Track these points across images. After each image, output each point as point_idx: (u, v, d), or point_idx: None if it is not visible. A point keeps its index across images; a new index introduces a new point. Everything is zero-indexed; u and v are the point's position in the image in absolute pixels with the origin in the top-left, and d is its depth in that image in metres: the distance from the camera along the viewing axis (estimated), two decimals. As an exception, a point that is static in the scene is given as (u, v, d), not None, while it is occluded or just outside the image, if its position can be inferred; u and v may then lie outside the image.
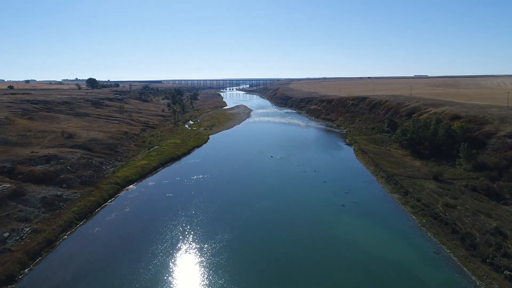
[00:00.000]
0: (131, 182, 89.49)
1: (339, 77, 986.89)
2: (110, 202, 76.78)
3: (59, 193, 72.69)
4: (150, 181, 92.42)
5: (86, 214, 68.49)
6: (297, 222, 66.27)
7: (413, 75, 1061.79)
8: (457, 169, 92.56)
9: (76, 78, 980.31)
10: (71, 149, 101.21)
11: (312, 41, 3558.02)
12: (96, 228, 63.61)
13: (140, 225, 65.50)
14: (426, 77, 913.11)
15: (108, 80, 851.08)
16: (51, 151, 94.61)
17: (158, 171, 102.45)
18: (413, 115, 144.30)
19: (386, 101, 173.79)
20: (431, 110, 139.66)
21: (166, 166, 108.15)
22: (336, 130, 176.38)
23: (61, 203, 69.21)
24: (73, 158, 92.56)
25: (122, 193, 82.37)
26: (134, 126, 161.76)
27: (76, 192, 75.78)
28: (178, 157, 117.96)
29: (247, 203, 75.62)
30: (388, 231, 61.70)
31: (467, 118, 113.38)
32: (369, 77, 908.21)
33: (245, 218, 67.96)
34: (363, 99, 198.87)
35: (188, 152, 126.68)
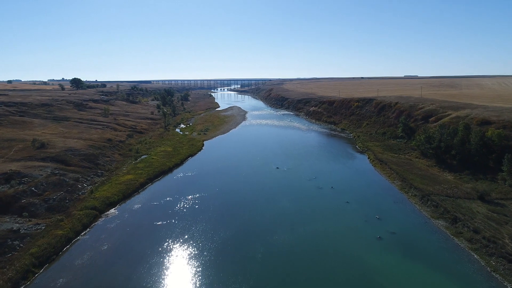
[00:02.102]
0: (112, 204, 73.10)
1: (332, 77, 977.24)
2: (83, 235, 60.38)
3: (15, 226, 56.08)
4: (135, 202, 76.08)
5: (49, 256, 52.00)
6: (327, 264, 50.98)
7: (403, 75, 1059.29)
8: (500, 185, 78.43)
9: (63, 78, 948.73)
10: (41, 163, 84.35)
11: (303, 41, 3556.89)
12: (61, 280, 47.21)
13: (121, 271, 49.41)
14: (416, 77, 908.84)
15: (96, 80, 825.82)
16: (14, 166, 77.71)
17: (146, 188, 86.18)
18: (430, 119, 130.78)
19: (396, 103, 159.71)
20: (451, 114, 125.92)
21: (156, 181, 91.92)
22: (342, 134, 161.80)
23: (17, 242, 52.59)
24: (41, 175, 75.75)
25: (100, 221, 65.95)
26: (120, 131, 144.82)
27: (39, 224, 59.20)
28: (170, 169, 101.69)
29: (258, 235, 60.00)
30: (449, 279, 46.74)
31: (501, 124, 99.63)
32: (362, 77, 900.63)
33: (259, 258, 52.39)
34: (368, 100, 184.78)
35: (181, 162, 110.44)
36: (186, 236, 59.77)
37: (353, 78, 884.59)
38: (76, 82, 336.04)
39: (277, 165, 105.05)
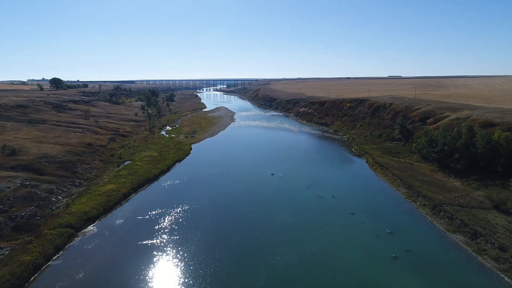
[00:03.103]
0: (90, 220, 64.72)
1: (319, 78, 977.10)
2: (55, 259, 52.00)
3: (-28, 253, 47.45)
4: (117, 216, 67.81)
5: (12, 290, 43.66)
6: (340, 292, 44.23)
7: (387, 76, 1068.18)
8: (512, 192, 73.29)
9: (43, 78, 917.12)
10: (10, 173, 75.26)
11: (289, 41, 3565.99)
12: (25, 321, 39.12)
13: (99, 307, 41.54)
14: (400, 77, 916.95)
15: (78, 80, 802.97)
16: (-22, 177, 68.50)
17: (130, 199, 77.91)
18: (427, 121, 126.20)
19: (391, 104, 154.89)
20: (449, 115, 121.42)
21: (140, 190, 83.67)
22: (335, 136, 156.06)
23: (-28, 274, 44.01)
24: (9, 188, 66.81)
25: (76, 241, 57.62)
26: (101, 134, 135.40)
27: (2, 248, 50.56)
28: (156, 177, 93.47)
29: (258, 256, 52.77)
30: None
31: (506, 126, 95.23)
32: (348, 78, 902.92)
33: (261, 287, 45.22)
34: (361, 101, 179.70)
35: (168, 169, 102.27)
36: (175, 260, 52.16)
37: (340, 78, 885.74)
38: (55, 82, 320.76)
39: (271, 171, 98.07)
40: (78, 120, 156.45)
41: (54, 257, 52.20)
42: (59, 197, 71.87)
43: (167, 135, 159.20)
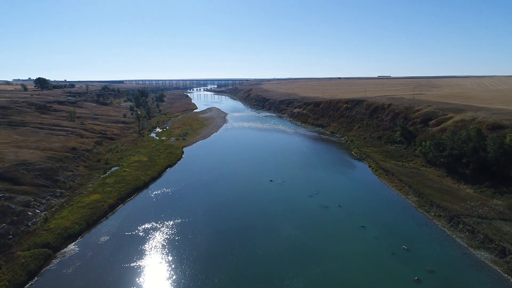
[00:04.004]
0: (71, 238, 57.51)
1: (310, 78, 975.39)
2: (29, 287, 44.85)
3: None
4: (102, 232, 60.67)
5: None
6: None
7: (377, 76, 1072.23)
8: (531, 201, 68.22)
9: (29, 78, 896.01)
10: (-19, 183, 67.43)
11: (280, 41, 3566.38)
12: None
13: None
14: (389, 77, 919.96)
15: (65, 80, 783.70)
16: None
17: (116, 211, 70.76)
18: (430, 122, 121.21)
19: (389, 105, 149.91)
20: (453, 117, 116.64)
21: (129, 200, 76.57)
22: (333, 138, 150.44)
23: None
24: (-22, 201, 59.17)
25: (53, 264, 50.39)
26: (87, 138, 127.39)
27: (-36, 277, 43.24)
28: (145, 185, 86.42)
29: (263, 280, 46.29)
30: None
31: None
32: (339, 78, 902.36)
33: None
34: (358, 102, 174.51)
35: (158, 175, 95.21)
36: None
37: (331, 78, 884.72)
38: (40, 82, 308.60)
39: (269, 177, 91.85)
40: (63, 122, 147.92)
41: (27, 285, 44.98)
42: (37, 210, 64.36)
43: (157, 138, 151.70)
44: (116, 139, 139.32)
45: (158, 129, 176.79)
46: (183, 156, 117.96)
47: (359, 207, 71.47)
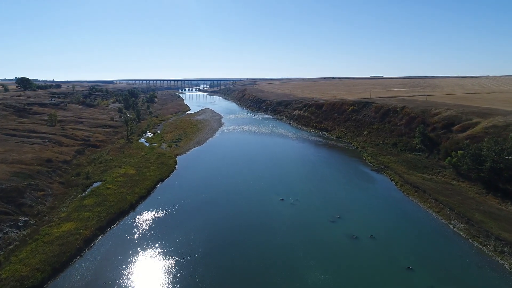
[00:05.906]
0: (29, 293, 43.04)
1: (303, 78, 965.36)
2: None
3: None
4: (72, 282, 46.07)
5: None
6: None
7: (369, 76, 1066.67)
8: None
9: (15, 78, 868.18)
10: None
11: (272, 41, 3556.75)
12: None
13: None
14: (381, 77, 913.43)
15: (53, 80, 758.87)
16: None
17: (94, 245, 56.21)
18: (453, 128, 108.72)
19: (403, 108, 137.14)
20: (479, 122, 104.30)
21: (110, 229, 62.07)
22: (341, 144, 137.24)
23: None
24: None
25: None
26: (67, 146, 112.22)
27: None
28: (132, 207, 71.96)
29: None
30: None
31: None
32: (333, 78, 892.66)
33: None
34: (366, 104, 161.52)
35: (148, 193, 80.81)
36: None
37: (325, 78, 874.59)
38: (23, 82, 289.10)
39: (279, 195, 78.16)
40: (41, 127, 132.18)
41: None
42: (-12, 250, 49.64)
43: (147, 144, 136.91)
44: (101, 146, 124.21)
45: (148, 134, 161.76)
46: (176, 167, 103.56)
47: (396, 238, 58.06)
